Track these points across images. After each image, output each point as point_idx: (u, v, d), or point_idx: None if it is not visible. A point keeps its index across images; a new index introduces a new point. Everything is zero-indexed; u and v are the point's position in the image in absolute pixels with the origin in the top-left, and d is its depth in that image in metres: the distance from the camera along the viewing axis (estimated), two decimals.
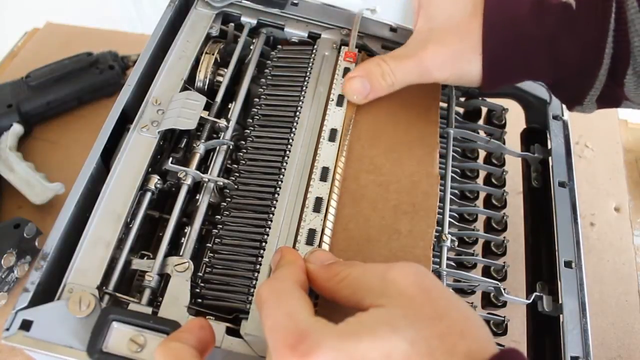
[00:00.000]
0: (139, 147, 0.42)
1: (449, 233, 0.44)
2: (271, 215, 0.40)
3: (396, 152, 0.44)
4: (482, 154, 0.54)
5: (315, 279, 0.34)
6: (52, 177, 0.61)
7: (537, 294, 0.44)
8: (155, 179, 0.42)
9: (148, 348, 0.33)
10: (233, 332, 0.36)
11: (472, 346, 0.28)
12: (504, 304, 0.46)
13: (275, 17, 0.52)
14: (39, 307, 0.35)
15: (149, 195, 0.42)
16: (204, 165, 0.45)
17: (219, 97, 0.47)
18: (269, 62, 0.50)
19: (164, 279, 0.39)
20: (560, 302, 0.42)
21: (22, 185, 0.59)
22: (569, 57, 0.40)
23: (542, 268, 0.46)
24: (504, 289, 0.44)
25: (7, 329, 0.34)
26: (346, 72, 0.48)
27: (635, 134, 0.73)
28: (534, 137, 0.53)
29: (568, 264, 0.44)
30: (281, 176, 0.42)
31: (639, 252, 0.62)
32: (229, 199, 0.42)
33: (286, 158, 0.43)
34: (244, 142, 0.45)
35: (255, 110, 0.46)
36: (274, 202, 0.41)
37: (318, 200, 0.41)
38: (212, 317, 0.37)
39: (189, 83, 0.47)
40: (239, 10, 0.52)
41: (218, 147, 0.45)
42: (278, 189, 0.42)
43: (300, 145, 0.44)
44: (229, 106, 0.48)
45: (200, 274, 0.39)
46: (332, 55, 0.49)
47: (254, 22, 0.52)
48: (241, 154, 0.44)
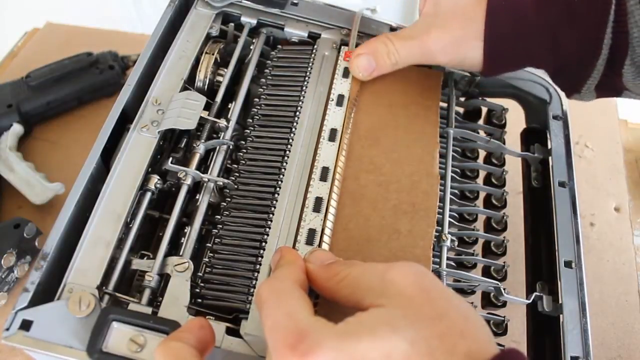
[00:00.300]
0: (139, 147, 0.42)
1: (449, 233, 0.44)
2: (271, 215, 0.40)
3: (396, 152, 0.44)
4: (482, 153, 0.54)
5: (315, 278, 0.34)
6: (52, 177, 0.61)
7: (537, 294, 0.44)
8: (155, 179, 0.42)
9: (148, 348, 0.33)
10: (233, 332, 0.36)
11: (473, 346, 0.28)
12: (504, 303, 0.46)
13: (275, 17, 0.52)
14: (39, 307, 0.35)
15: (148, 195, 0.42)
16: (204, 165, 0.45)
17: (219, 97, 0.47)
18: (269, 62, 0.50)
19: (164, 279, 0.39)
20: (560, 302, 0.42)
21: (22, 185, 0.59)
22: (569, 46, 0.41)
23: (542, 268, 0.46)
24: (504, 289, 0.44)
25: (7, 329, 0.34)
26: (346, 72, 0.48)
27: (635, 134, 0.73)
28: (534, 137, 0.53)
29: (568, 264, 0.44)
30: (281, 176, 0.42)
31: (639, 252, 0.62)
32: (229, 199, 0.42)
33: (286, 158, 0.43)
34: (244, 142, 0.45)
35: (255, 110, 0.46)
36: (274, 202, 0.41)
37: (318, 200, 0.41)
38: (212, 317, 0.37)
39: (189, 83, 0.47)
40: (239, 10, 0.52)
41: (218, 147, 0.45)
42: (278, 189, 0.42)
43: (300, 145, 0.44)
44: (229, 106, 0.48)
45: (200, 274, 0.39)
46: (332, 55, 0.49)
47: (254, 22, 0.52)
48: (241, 154, 0.44)
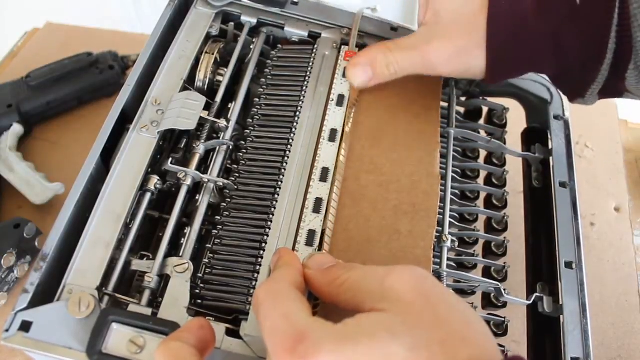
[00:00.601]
0: (138, 147, 0.42)
1: (450, 233, 0.44)
2: (271, 216, 0.40)
3: (396, 152, 0.44)
4: (483, 153, 0.53)
5: (314, 283, 0.33)
6: (52, 177, 0.61)
7: (538, 294, 0.44)
8: (155, 180, 0.42)
9: (148, 349, 0.33)
10: (233, 333, 0.36)
11: (475, 353, 0.27)
12: (505, 304, 0.46)
13: (275, 17, 0.52)
14: (39, 308, 0.35)
15: (148, 196, 0.42)
16: (203, 166, 0.45)
17: (218, 97, 0.47)
18: (269, 61, 0.50)
19: (164, 279, 0.39)
20: (560, 302, 0.42)
21: (22, 185, 0.59)
22: (572, 51, 0.41)
23: (543, 269, 0.46)
24: (505, 290, 0.43)
25: (7, 330, 0.34)
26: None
27: (635, 134, 0.73)
28: (534, 136, 0.52)
29: (569, 265, 0.43)
30: (281, 177, 0.42)
31: (639, 252, 0.62)
32: (229, 200, 0.42)
33: (286, 158, 0.43)
34: (243, 142, 0.45)
35: (255, 110, 0.46)
36: (274, 203, 0.41)
37: (318, 201, 0.41)
38: (211, 318, 0.37)
39: (189, 83, 0.47)
40: (239, 10, 0.52)
41: (218, 148, 0.45)
42: (278, 190, 0.42)
43: (300, 145, 0.44)
44: (229, 106, 0.47)
45: (200, 275, 0.39)
46: (332, 55, 0.49)
47: (254, 21, 0.52)
48: (241, 154, 0.44)
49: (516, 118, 0.55)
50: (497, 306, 0.46)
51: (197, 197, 0.43)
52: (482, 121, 0.54)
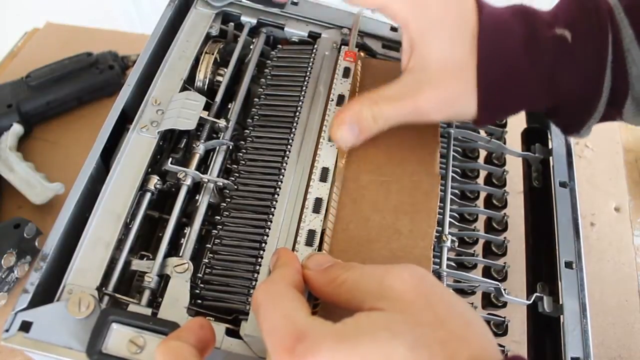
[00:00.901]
0: (138, 147, 0.42)
1: (450, 233, 0.44)
2: (271, 216, 0.40)
3: (396, 152, 0.44)
4: (483, 153, 0.53)
5: (313, 283, 0.33)
6: (52, 177, 0.61)
7: (538, 294, 0.44)
8: (154, 180, 0.42)
9: (147, 349, 0.33)
10: (233, 333, 0.36)
11: (475, 352, 0.27)
12: (505, 304, 0.46)
13: (275, 17, 0.52)
14: (39, 309, 0.35)
15: (148, 196, 0.42)
16: (203, 166, 0.45)
17: (218, 97, 0.47)
18: (269, 61, 0.50)
19: (164, 279, 0.39)
20: (560, 302, 0.42)
21: (22, 185, 0.59)
22: (567, 91, 0.40)
23: (543, 268, 0.46)
24: (505, 290, 0.43)
25: (7, 330, 0.34)
26: (346, 72, 0.47)
27: (635, 134, 0.73)
28: (534, 136, 0.52)
29: (569, 265, 0.43)
30: (281, 177, 0.42)
31: (639, 252, 0.62)
32: (229, 200, 0.42)
33: (286, 158, 0.43)
34: (243, 142, 0.45)
35: (255, 110, 0.46)
36: (274, 203, 0.41)
37: (318, 201, 0.41)
38: (211, 318, 0.37)
39: (189, 83, 0.47)
40: (239, 10, 0.52)
41: (218, 148, 0.45)
42: (278, 190, 0.42)
43: (300, 145, 0.44)
44: (229, 106, 0.47)
45: (200, 275, 0.39)
46: (332, 55, 0.49)
47: (254, 21, 0.52)
48: (241, 154, 0.44)
49: (516, 118, 0.55)
50: (497, 306, 0.46)
51: (197, 197, 0.43)
52: None
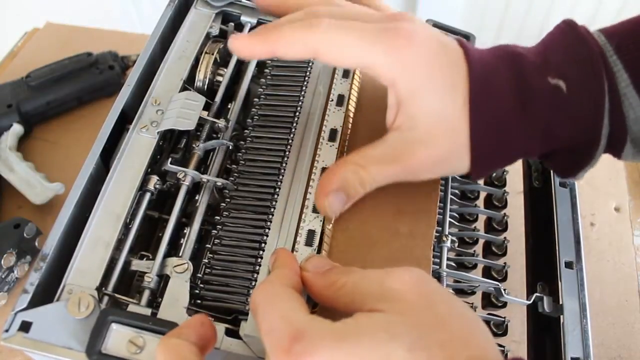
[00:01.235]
0: (138, 147, 0.42)
1: (450, 233, 0.44)
2: (270, 216, 0.40)
3: None
4: None
5: (312, 286, 0.33)
6: (52, 177, 0.61)
7: (538, 294, 0.44)
8: (154, 180, 0.42)
9: (147, 349, 0.33)
10: (232, 333, 0.36)
11: (474, 354, 0.27)
12: (505, 304, 0.46)
13: (275, 17, 0.52)
14: (38, 309, 0.35)
15: (148, 196, 0.42)
16: (203, 166, 0.45)
17: (218, 97, 0.47)
18: (269, 61, 0.50)
19: (163, 279, 0.39)
20: (560, 302, 0.42)
21: (22, 185, 0.59)
22: (563, 141, 0.38)
23: (543, 268, 0.46)
24: (505, 290, 0.43)
25: (7, 330, 0.34)
26: (346, 72, 0.47)
27: None
28: None
29: (569, 265, 0.43)
30: (280, 177, 0.42)
31: (639, 252, 0.61)
32: (229, 200, 0.42)
33: (286, 159, 0.43)
34: (243, 143, 0.45)
35: (255, 110, 0.46)
36: (274, 203, 0.41)
37: None
38: (211, 318, 0.37)
39: (189, 83, 0.47)
40: (239, 10, 0.52)
41: (217, 148, 0.45)
42: (277, 190, 0.42)
43: (300, 145, 0.44)
44: (229, 106, 0.47)
45: (200, 275, 0.39)
46: None
47: (254, 21, 0.52)
48: (240, 154, 0.44)
49: None
50: (497, 306, 0.46)
51: (196, 197, 0.43)
52: None
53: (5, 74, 0.71)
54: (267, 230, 0.40)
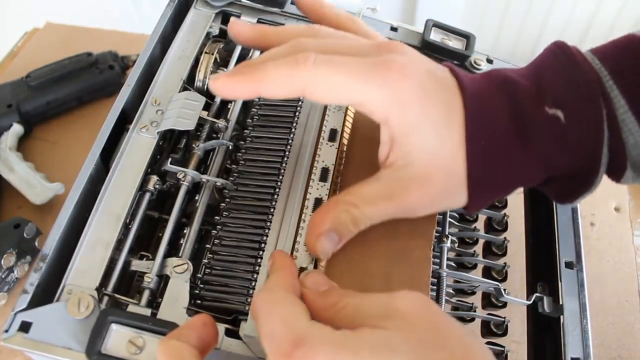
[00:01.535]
0: (138, 147, 0.42)
1: (450, 233, 0.44)
2: (270, 216, 0.40)
3: None
4: None
5: (310, 306, 0.33)
6: (52, 177, 0.61)
7: (538, 294, 0.44)
8: (154, 180, 0.42)
9: (147, 350, 0.33)
10: (232, 333, 0.36)
11: None
12: (505, 304, 0.46)
13: (275, 16, 0.52)
14: (38, 309, 0.35)
15: (148, 196, 0.42)
16: (203, 166, 0.45)
17: (218, 97, 0.47)
18: None
19: (163, 280, 0.39)
20: (560, 302, 0.42)
21: (22, 185, 0.59)
22: (561, 170, 0.38)
23: (543, 269, 0.46)
24: (505, 290, 0.43)
25: (6, 331, 0.34)
26: None
27: None
28: None
29: (569, 265, 0.43)
30: (280, 177, 0.42)
31: (639, 252, 0.61)
32: (229, 200, 0.42)
33: (285, 159, 0.43)
34: (243, 143, 0.45)
35: (255, 110, 0.46)
36: (274, 203, 0.41)
37: (317, 201, 0.41)
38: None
39: (189, 83, 0.47)
40: (239, 10, 0.52)
41: (217, 148, 0.45)
42: (277, 190, 0.42)
43: (300, 145, 0.44)
44: (229, 106, 0.47)
45: (200, 275, 0.39)
46: None
47: (254, 21, 0.52)
48: (240, 154, 0.44)
49: None
50: (497, 306, 0.46)
51: (196, 198, 0.43)
52: None
53: (5, 74, 0.71)
54: (267, 230, 0.40)
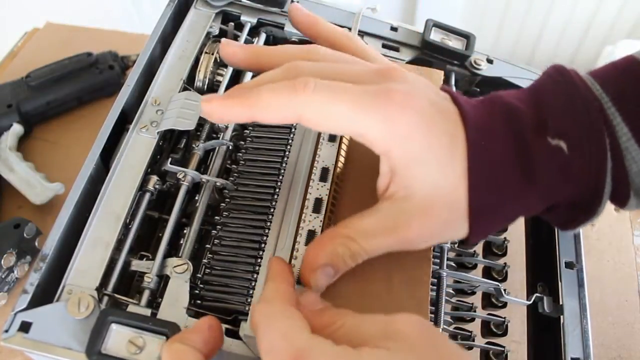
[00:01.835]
0: (138, 147, 0.42)
1: None
2: (270, 217, 0.40)
3: None
4: None
5: (308, 322, 0.32)
6: (52, 177, 0.61)
7: (538, 294, 0.44)
8: (154, 180, 0.42)
9: (147, 350, 0.33)
10: (232, 333, 0.36)
11: None
12: (505, 304, 0.46)
13: (275, 16, 0.52)
14: (38, 309, 0.35)
15: (148, 196, 0.42)
16: (203, 166, 0.45)
17: None
18: None
19: (163, 280, 0.39)
20: (560, 302, 0.42)
21: (22, 185, 0.59)
22: (564, 200, 0.37)
23: (543, 269, 0.46)
24: (505, 290, 0.43)
25: (6, 331, 0.34)
26: None
27: None
28: None
29: (569, 265, 0.44)
30: (280, 177, 0.42)
31: (639, 252, 0.61)
32: (229, 200, 0.42)
33: (285, 159, 0.43)
34: (243, 143, 0.45)
35: None
36: (274, 203, 0.41)
37: (317, 201, 0.41)
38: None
39: (189, 83, 0.47)
40: (239, 10, 0.52)
41: (217, 148, 0.45)
42: (277, 190, 0.42)
43: (300, 145, 0.44)
44: None
45: (200, 275, 0.39)
46: None
47: (254, 21, 0.52)
48: (240, 155, 0.44)
49: None
50: (497, 306, 0.46)
51: (196, 198, 0.43)
52: None
53: (5, 74, 0.71)
54: (267, 230, 0.40)
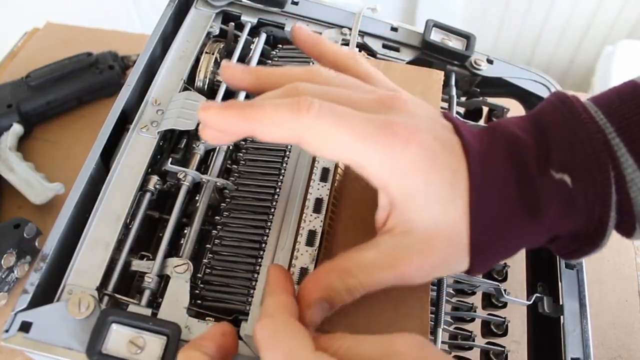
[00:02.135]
0: (138, 147, 0.42)
1: None
2: (271, 217, 0.40)
3: None
4: None
5: None
6: (52, 177, 0.61)
7: (538, 294, 0.44)
8: (154, 180, 0.42)
9: (147, 350, 0.33)
10: None
11: None
12: (505, 304, 0.46)
13: (275, 16, 0.52)
14: (39, 309, 0.35)
15: (148, 196, 0.42)
16: (203, 166, 0.45)
17: (219, 97, 0.47)
18: (269, 61, 0.50)
19: (164, 280, 0.39)
20: (560, 302, 0.42)
21: (22, 185, 0.59)
22: (568, 233, 0.36)
23: (543, 269, 0.46)
24: (505, 290, 0.43)
25: (7, 331, 0.34)
26: None
27: None
28: None
29: (569, 265, 0.44)
30: (281, 177, 0.42)
31: (639, 252, 0.61)
32: (229, 200, 0.42)
33: (286, 158, 0.43)
34: (243, 142, 0.45)
35: None
36: (274, 203, 0.41)
37: (318, 201, 0.41)
38: (211, 319, 0.37)
39: (189, 83, 0.47)
40: (239, 10, 0.52)
41: (218, 148, 0.45)
42: (278, 190, 0.42)
43: None
44: None
45: (200, 275, 0.39)
46: None
47: (254, 21, 0.52)
48: (241, 154, 0.44)
49: (516, 112, 0.55)
50: (498, 306, 0.46)
51: (197, 197, 0.43)
52: (482, 121, 0.54)
53: (5, 74, 0.71)
54: (267, 230, 0.40)
